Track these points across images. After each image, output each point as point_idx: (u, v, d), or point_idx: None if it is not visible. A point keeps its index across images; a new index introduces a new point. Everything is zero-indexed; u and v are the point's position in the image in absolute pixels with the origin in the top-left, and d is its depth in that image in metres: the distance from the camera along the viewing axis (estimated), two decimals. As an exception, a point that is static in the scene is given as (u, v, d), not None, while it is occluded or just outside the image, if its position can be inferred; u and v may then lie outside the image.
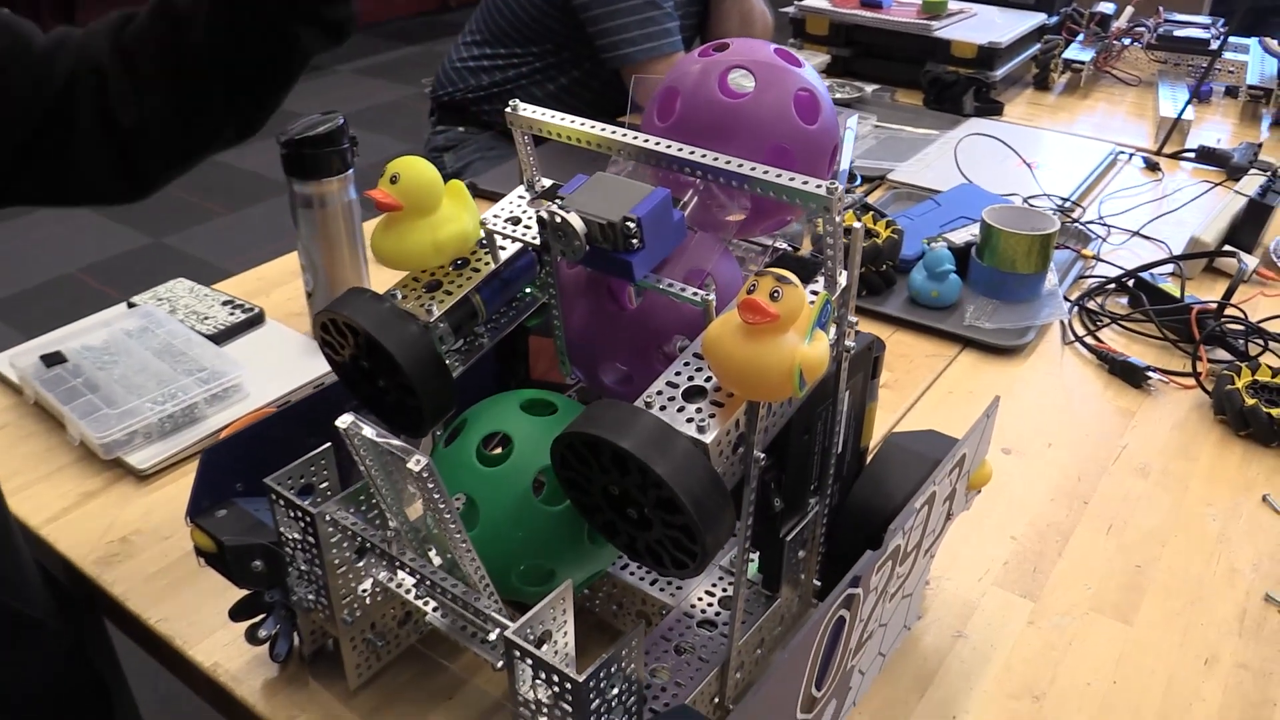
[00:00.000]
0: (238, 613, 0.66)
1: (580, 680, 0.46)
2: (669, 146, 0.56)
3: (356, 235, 1.01)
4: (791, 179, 0.53)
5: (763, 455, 0.52)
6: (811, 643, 0.50)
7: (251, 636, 0.65)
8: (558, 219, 0.53)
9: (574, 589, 0.59)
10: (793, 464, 0.59)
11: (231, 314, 1.06)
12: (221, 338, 1.02)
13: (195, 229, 3.24)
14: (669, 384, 0.52)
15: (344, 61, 4.77)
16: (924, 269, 1.11)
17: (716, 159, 0.55)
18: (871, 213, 1.19)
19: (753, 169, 0.53)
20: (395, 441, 0.49)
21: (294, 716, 0.64)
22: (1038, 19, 1.91)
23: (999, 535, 0.81)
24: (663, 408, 0.50)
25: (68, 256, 3.04)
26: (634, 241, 0.53)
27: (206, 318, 1.05)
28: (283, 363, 0.99)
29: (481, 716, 0.64)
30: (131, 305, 1.07)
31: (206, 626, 0.71)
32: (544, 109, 0.61)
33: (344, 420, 0.51)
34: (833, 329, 0.56)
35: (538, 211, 0.54)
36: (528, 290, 0.66)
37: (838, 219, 0.53)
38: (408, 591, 0.61)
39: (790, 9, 1.93)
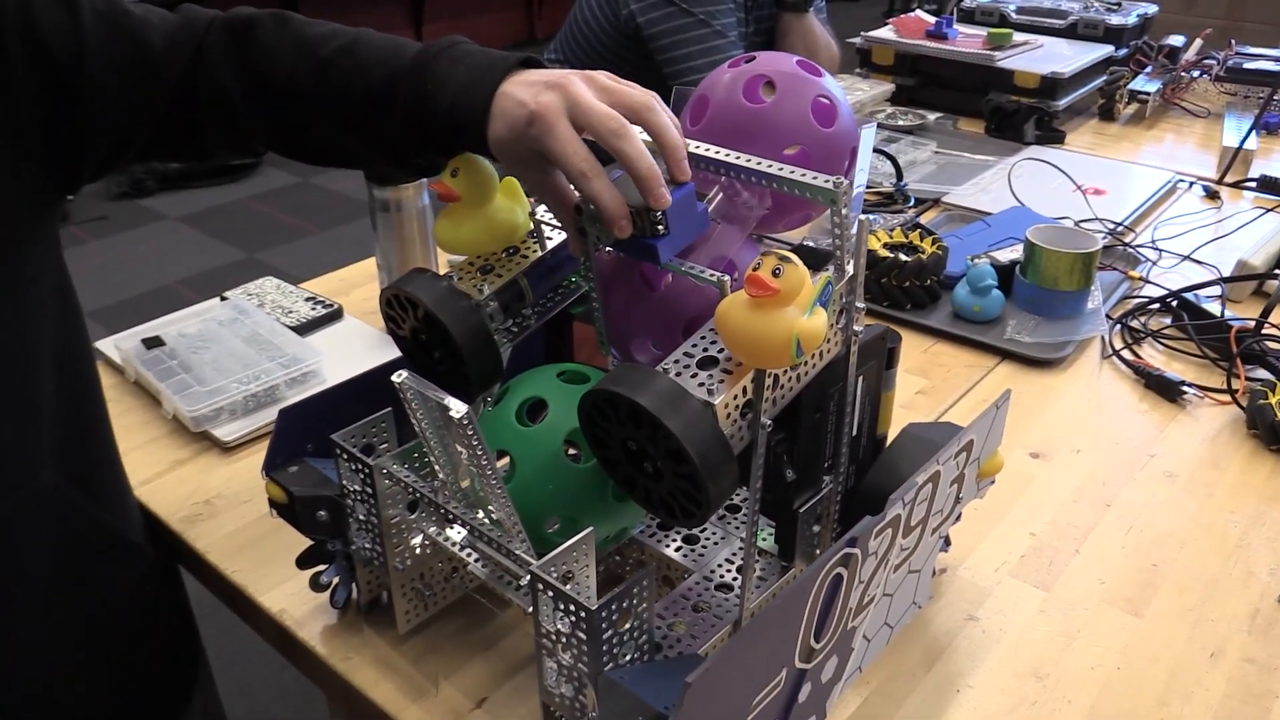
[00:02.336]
0: (304, 561, 0.73)
1: (593, 609, 0.52)
2: (697, 146, 0.63)
3: (428, 238, 1.09)
4: (802, 174, 0.58)
5: (769, 422, 0.58)
6: (808, 591, 0.55)
7: (314, 583, 0.73)
8: (592, 207, 0.59)
9: (599, 545, 0.65)
10: (805, 439, 0.64)
11: (313, 309, 1.15)
12: (303, 329, 1.11)
13: (287, 245, 3.41)
14: (685, 354, 0.58)
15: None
16: (967, 284, 1.15)
17: (737, 157, 0.61)
18: (919, 230, 1.23)
19: (769, 165, 0.59)
20: (440, 392, 0.55)
21: (348, 658, 0.71)
22: (1105, 51, 1.93)
23: (1019, 531, 0.84)
24: (678, 374, 0.56)
25: (167, 269, 3.23)
26: (660, 228, 0.59)
27: (290, 311, 1.14)
28: (357, 353, 1.08)
29: (516, 665, 0.70)
30: (224, 299, 1.17)
31: (275, 578, 0.78)
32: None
33: (400, 375, 0.58)
34: (841, 315, 0.62)
35: (577, 200, 0.61)
36: (572, 279, 0.73)
37: (844, 211, 0.58)
38: (454, 545, 0.67)
39: (857, 39, 1.98)
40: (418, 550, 0.69)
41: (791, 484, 0.65)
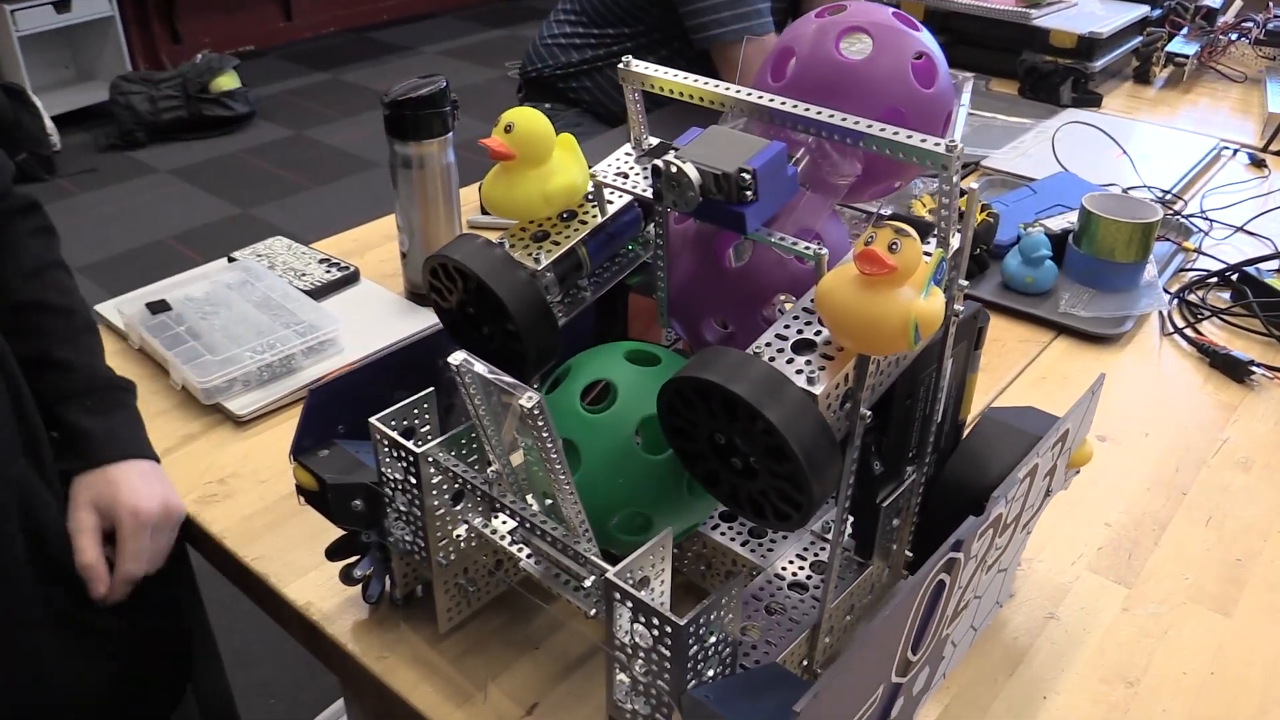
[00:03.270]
0: (334, 552, 0.67)
1: (682, 624, 0.46)
2: (784, 103, 0.56)
3: (453, 198, 1.02)
4: (910, 136, 0.52)
5: (869, 413, 0.52)
6: (913, 602, 0.49)
7: (346, 576, 0.67)
8: (673, 169, 0.53)
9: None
10: (895, 428, 0.59)
11: (328, 272, 1.08)
12: (318, 294, 1.05)
13: (281, 200, 3.32)
14: (778, 336, 0.52)
15: (428, 44, 4.84)
16: (1019, 254, 1.09)
17: (832, 115, 0.54)
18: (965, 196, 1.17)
19: (869, 126, 0.53)
20: (507, 378, 0.49)
21: (383, 657, 0.66)
22: (1141, 11, 1.86)
23: (1093, 520, 0.79)
24: (771, 359, 0.50)
25: (159, 223, 3.13)
26: (748, 193, 0.52)
27: (304, 274, 1.08)
28: (377, 320, 1.01)
29: (566, 668, 0.65)
30: (232, 260, 1.10)
31: (300, 567, 0.73)
32: (655, 65, 0.62)
33: (457, 357, 0.51)
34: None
35: (653, 162, 0.54)
36: (630, 247, 0.66)
37: (955, 178, 0.52)
38: (502, 538, 0.62)
39: (884, -6, 1.90)
40: (461, 544, 0.63)
41: (878, 477, 0.59)
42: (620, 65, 0.62)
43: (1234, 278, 1.11)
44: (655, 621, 0.47)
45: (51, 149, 3.43)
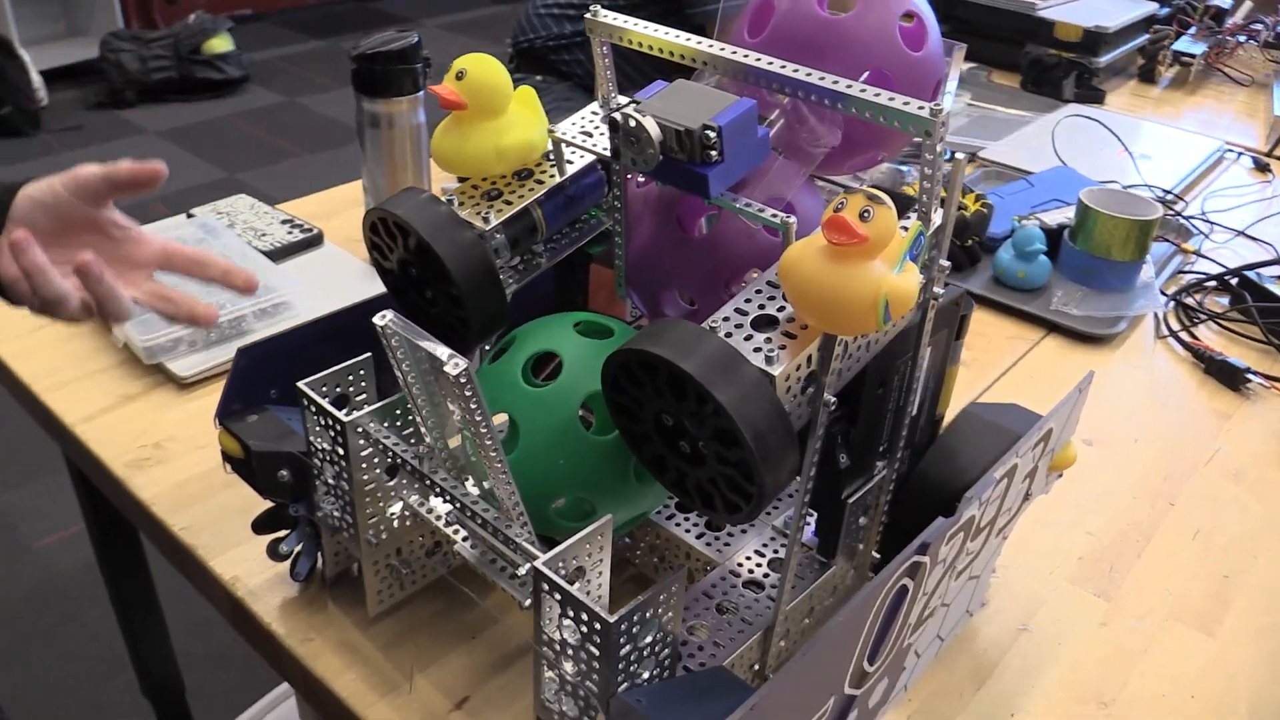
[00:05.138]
0: (261, 525, 0.63)
1: (611, 621, 0.42)
2: (757, 59, 0.51)
3: (423, 161, 0.97)
4: (891, 98, 0.47)
5: (834, 400, 0.47)
6: (870, 608, 0.45)
7: (273, 551, 0.62)
8: (631, 122, 0.48)
9: (615, 530, 0.55)
10: (864, 418, 0.54)
11: (290, 233, 1.03)
12: (278, 255, 1.00)
13: (270, 166, 3.26)
14: (737, 310, 0.47)
15: (430, 16, 4.77)
16: (1012, 247, 1.05)
17: (810, 74, 0.49)
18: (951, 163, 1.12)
19: (849, 86, 0.48)
20: (434, 342, 0.45)
21: (309, 639, 0.61)
22: (1148, 8, 1.81)
23: (1074, 529, 0.75)
24: (728, 334, 0.46)
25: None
26: (712, 153, 0.48)
27: (264, 234, 1.03)
28: (337, 286, 0.96)
29: (503, 660, 0.61)
30: (190, 215, 1.05)
31: (231, 539, 0.68)
32: (625, 15, 0.57)
33: (382, 316, 0.47)
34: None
35: (609, 114, 0.50)
36: (592, 213, 0.62)
37: (939, 146, 0.47)
38: (438, 518, 0.57)
39: (888, -21, 1.85)
40: (395, 523, 0.59)
41: (844, 471, 0.55)
42: (587, 15, 0.58)
43: (1233, 282, 1.07)
44: (584, 617, 0.43)
45: (38, 104, 3.36)
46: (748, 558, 0.60)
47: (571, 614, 0.44)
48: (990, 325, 1.00)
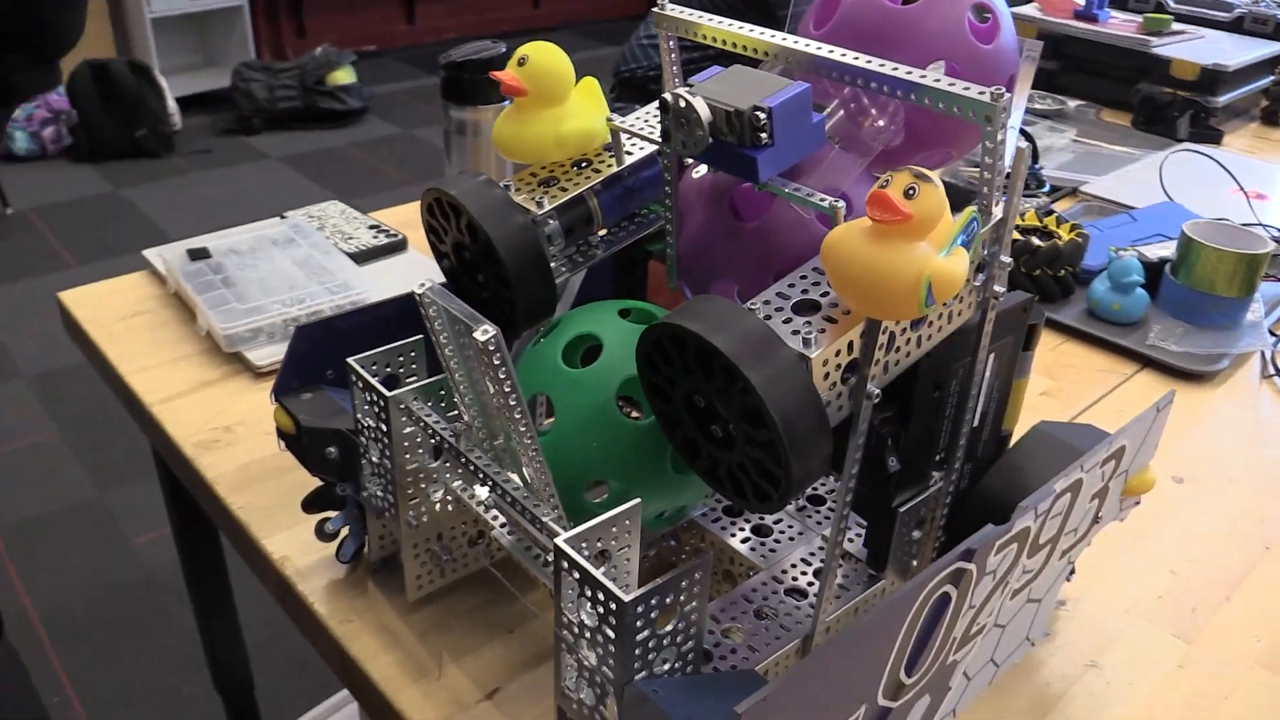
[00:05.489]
0: (310, 504, 0.63)
1: (626, 600, 0.40)
2: (807, 45, 0.50)
3: (507, 168, 0.99)
4: (951, 84, 0.46)
5: (877, 392, 0.45)
6: (906, 611, 0.43)
7: (319, 531, 0.63)
8: (681, 103, 0.48)
9: (649, 523, 0.53)
10: (917, 422, 0.52)
11: (375, 237, 1.06)
12: (362, 258, 1.02)
13: (383, 193, 3.37)
14: (779, 294, 0.46)
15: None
16: (1108, 279, 1.00)
17: (859, 59, 0.48)
18: (1055, 215, 1.08)
19: (905, 72, 0.47)
20: (467, 309, 0.44)
21: (347, 620, 0.61)
22: (1273, 48, 1.73)
23: (1156, 566, 0.70)
24: (768, 317, 0.44)
25: (262, 206, 3.21)
26: (762, 135, 0.47)
27: (351, 237, 1.05)
28: (413, 288, 0.98)
29: (538, 656, 0.60)
30: (283, 217, 1.09)
31: (285, 521, 0.69)
32: (692, 9, 0.57)
33: (421, 285, 0.47)
34: (979, 271, 0.49)
35: (661, 96, 0.49)
36: (652, 208, 0.61)
37: (1000, 135, 0.45)
38: (479, 504, 0.57)
39: (996, 15, 1.81)
40: (437, 506, 0.59)
41: (894, 476, 0.52)
42: (654, 9, 0.57)
43: (1352, 325, 1.00)
44: (600, 597, 0.42)
45: (171, 128, 3.55)
46: (794, 565, 0.58)
47: (589, 594, 0.43)
48: (1080, 357, 0.95)
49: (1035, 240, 1.03)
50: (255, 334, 0.87)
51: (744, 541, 0.60)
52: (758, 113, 0.46)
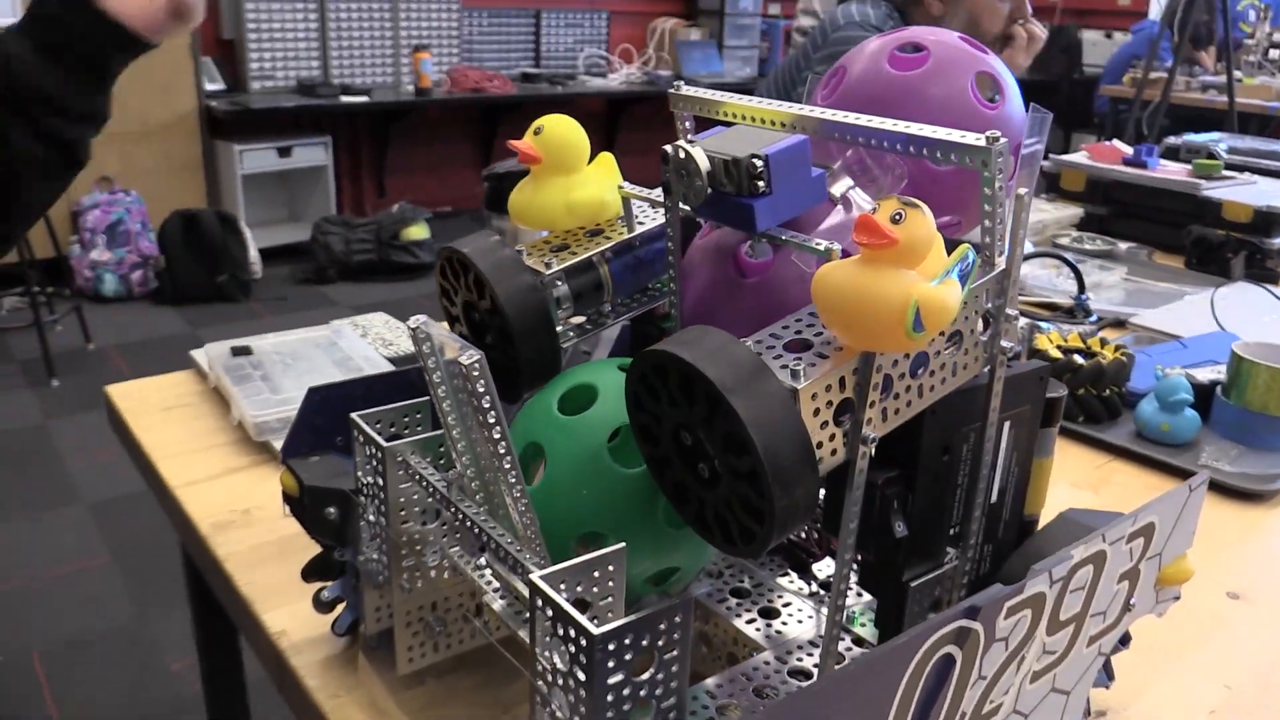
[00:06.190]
0: (309, 572, 0.62)
1: (596, 633, 0.38)
2: (819, 112, 0.51)
3: (540, 276, 1.01)
4: (948, 133, 0.46)
5: (873, 435, 0.44)
6: (904, 666, 0.39)
7: (317, 600, 0.61)
8: (680, 153, 0.49)
9: (639, 585, 0.51)
10: (924, 484, 0.49)
11: (413, 344, 1.07)
12: (400, 361, 1.04)
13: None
14: (772, 335, 0.45)
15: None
16: (1155, 399, 0.97)
17: (863, 119, 0.49)
18: (1099, 338, 1.06)
19: (902, 126, 0.47)
20: (456, 337, 0.44)
21: (336, 695, 0.59)
22: (1332, 196, 1.72)
23: (1210, 679, 0.65)
24: (759, 354, 0.43)
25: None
26: (760, 184, 0.47)
27: (391, 344, 1.07)
28: (446, 390, 0.99)
29: (532, 739, 0.56)
30: (329, 325, 1.12)
31: (289, 597, 0.68)
32: (705, 89, 0.58)
33: (416, 319, 0.47)
34: (986, 325, 0.48)
35: (662, 148, 0.50)
36: (663, 283, 0.61)
37: (998, 182, 0.45)
38: (474, 568, 0.55)
39: (1045, 163, 1.84)
40: (432, 572, 0.57)
41: (902, 543, 0.50)
42: (670, 90, 0.59)
43: None
44: (572, 634, 0.39)
45: (251, 276, 3.73)
46: (799, 646, 0.54)
47: (561, 632, 0.40)
48: (1129, 475, 0.91)
49: (1078, 359, 1.00)
50: (285, 424, 0.88)
51: (749, 623, 0.57)
52: (755, 160, 0.47)
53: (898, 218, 0.40)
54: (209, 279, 3.61)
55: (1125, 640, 0.58)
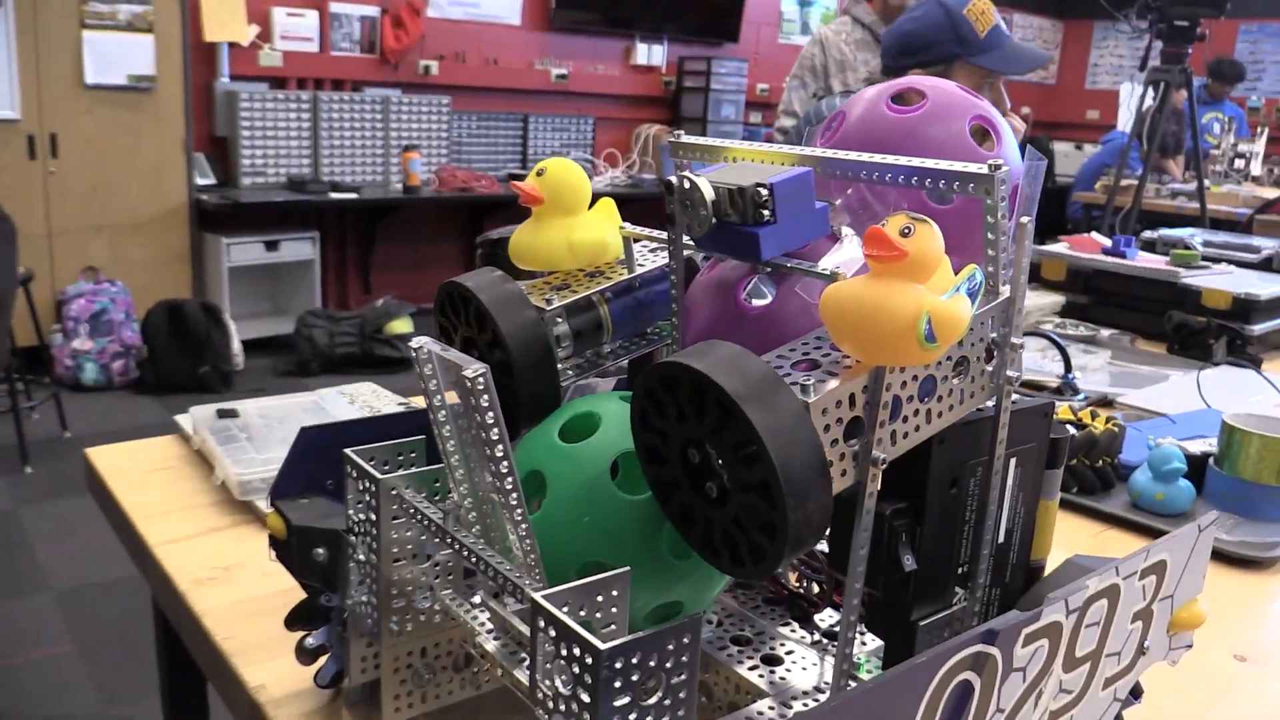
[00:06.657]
0: (293, 619, 0.60)
1: (602, 649, 0.37)
2: (821, 152, 0.52)
3: (532, 342, 1.00)
4: (950, 164, 0.46)
5: (883, 457, 0.43)
6: (920, 691, 0.38)
7: (300, 649, 0.59)
8: (686, 183, 0.49)
9: (641, 618, 0.50)
10: (932, 518, 0.49)
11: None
12: (386, 429, 1.02)
13: (425, 432, 3.42)
14: (780, 356, 0.45)
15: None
16: (1149, 469, 0.97)
17: (865, 156, 0.49)
18: (1089, 409, 1.06)
19: (904, 160, 0.48)
20: (458, 353, 0.44)
21: (320, 749, 0.56)
22: (1307, 286, 1.75)
23: (1221, 741, 0.63)
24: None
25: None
26: (764, 212, 0.47)
27: (378, 412, 1.06)
28: (435, 456, 0.97)
29: (524, 795, 0.53)
30: (316, 392, 1.11)
31: (269, 653, 0.65)
32: (703, 137, 0.59)
33: (419, 340, 0.47)
34: (990, 355, 0.48)
35: (666, 178, 0.50)
36: (664, 327, 0.61)
37: (1000, 210, 0.45)
38: (467, 611, 0.53)
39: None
40: (422, 616, 0.55)
41: (911, 578, 0.48)
42: (670, 138, 0.60)
43: None
44: (576, 652, 0.38)
45: (233, 367, 3.71)
46: (804, 691, 0.52)
47: (565, 651, 0.39)
48: (1126, 543, 0.90)
49: (1069, 429, 1.00)
50: (268, 483, 0.86)
51: (752, 669, 0.55)
52: (760, 189, 0.47)
53: (907, 231, 0.40)
54: (191, 369, 3.59)
55: (1137, 693, 0.56)
